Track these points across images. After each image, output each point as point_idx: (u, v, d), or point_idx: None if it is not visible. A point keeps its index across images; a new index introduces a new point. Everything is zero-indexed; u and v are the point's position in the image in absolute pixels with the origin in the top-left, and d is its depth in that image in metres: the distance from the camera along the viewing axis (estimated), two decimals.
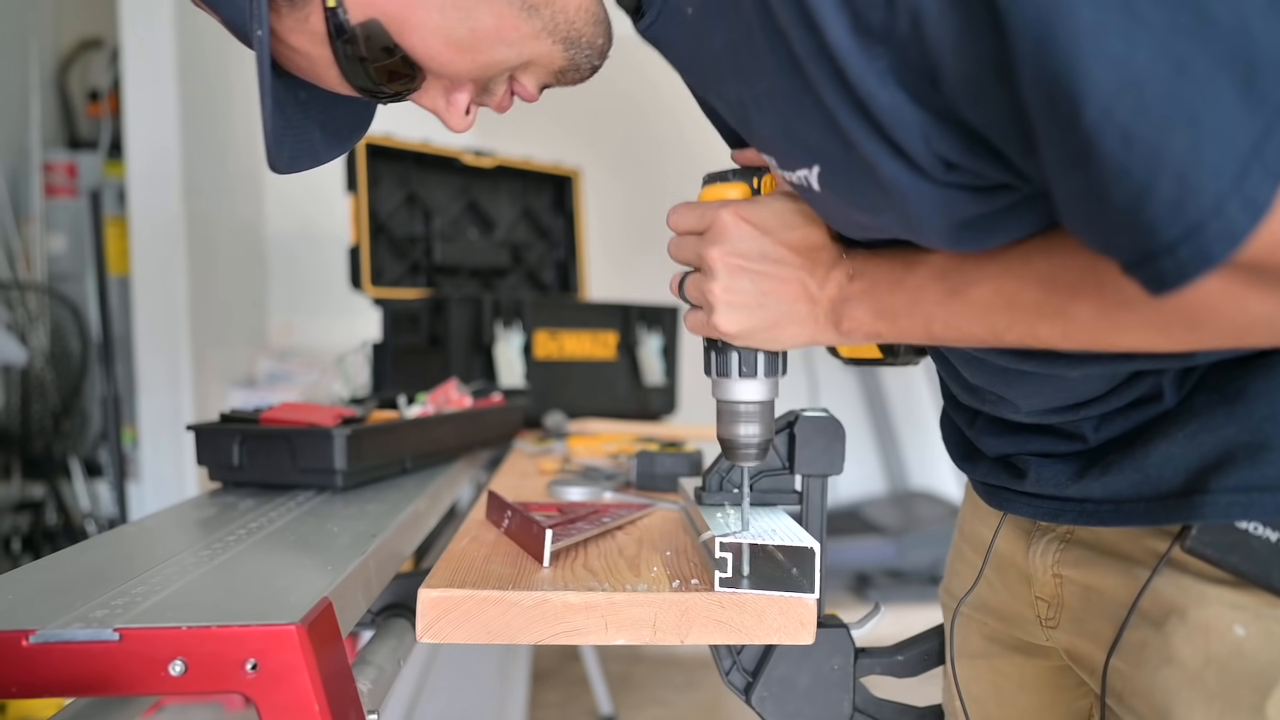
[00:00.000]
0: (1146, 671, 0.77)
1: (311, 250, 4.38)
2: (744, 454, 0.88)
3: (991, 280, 0.69)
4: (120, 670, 0.70)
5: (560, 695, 3.51)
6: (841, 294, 0.79)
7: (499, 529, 1.07)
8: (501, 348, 2.24)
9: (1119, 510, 0.77)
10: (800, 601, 0.83)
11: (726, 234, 0.80)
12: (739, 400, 0.87)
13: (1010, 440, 0.88)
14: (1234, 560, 0.71)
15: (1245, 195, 0.49)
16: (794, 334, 0.82)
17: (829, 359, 4.79)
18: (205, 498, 1.26)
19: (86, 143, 4.10)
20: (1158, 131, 0.49)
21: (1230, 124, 0.49)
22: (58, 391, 3.73)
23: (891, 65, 0.59)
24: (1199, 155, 0.49)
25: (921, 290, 0.74)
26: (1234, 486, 0.70)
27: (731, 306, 0.81)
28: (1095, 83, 0.49)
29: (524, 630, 0.82)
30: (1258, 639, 0.71)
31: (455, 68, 0.80)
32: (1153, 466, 0.75)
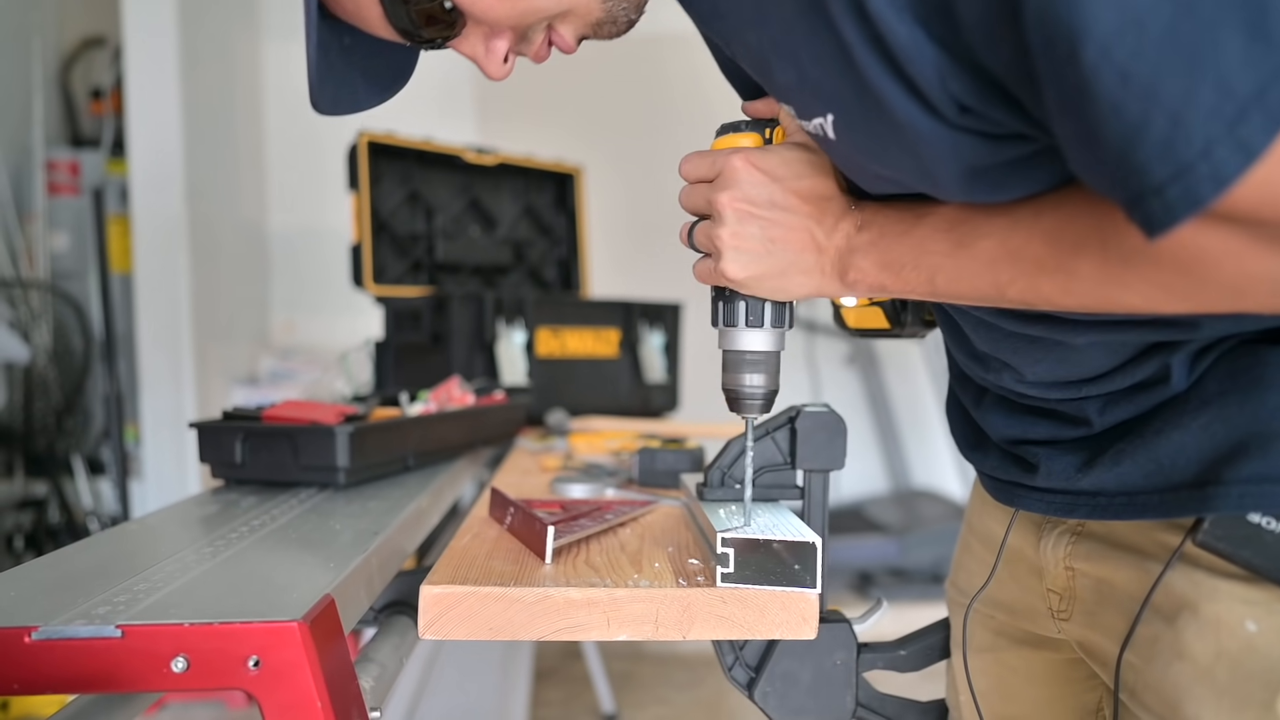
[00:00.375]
0: (1158, 666, 0.76)
1: (314, 248, 4.39)
2: (749, 405, 0.88)
3: (998, 233, 0.68)
4: (122, 667, 0.70)
5: (562, 693, 3.51)
6: (849, 244, 0.78)
7: (501, 526, 1.07)
8: (504, 345, 2.24)
9: (1132, 502, 0.76)
10: (802, 596, 0.83)
11: (737, 180, 0.80)
12: (745, 350, 0.87)
13: (1017, 422, 0.87)
14: (1246, 554, 0.70)
15: (1238, 138, 0.49)
16: (800, 283, 0.81)
17: (831, 358, 4.78)
18: (207, 495, 1.27)
19: (89, 141, 4.11)
20: (1155, 71, 0.49)
21: (1232, 67, 0.48)
22: (60, 389, 3.74)
23: (912, 4, 0.59)
24: (1194, 96, 0.49)
25: (927, 242, 0.73)
26: (1247, 478, 0.69)
27: (739, 252, 0.80)
28: (1095, 20, 0.49)
29: (526, 626, 0.82)
30: (1269, 635, 0.70)
31: (496, 14, 0.80)
32: (1165, 456, 0.73)
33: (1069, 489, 0.81)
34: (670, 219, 1.02)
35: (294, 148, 4.44)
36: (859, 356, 4.75)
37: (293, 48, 4.48)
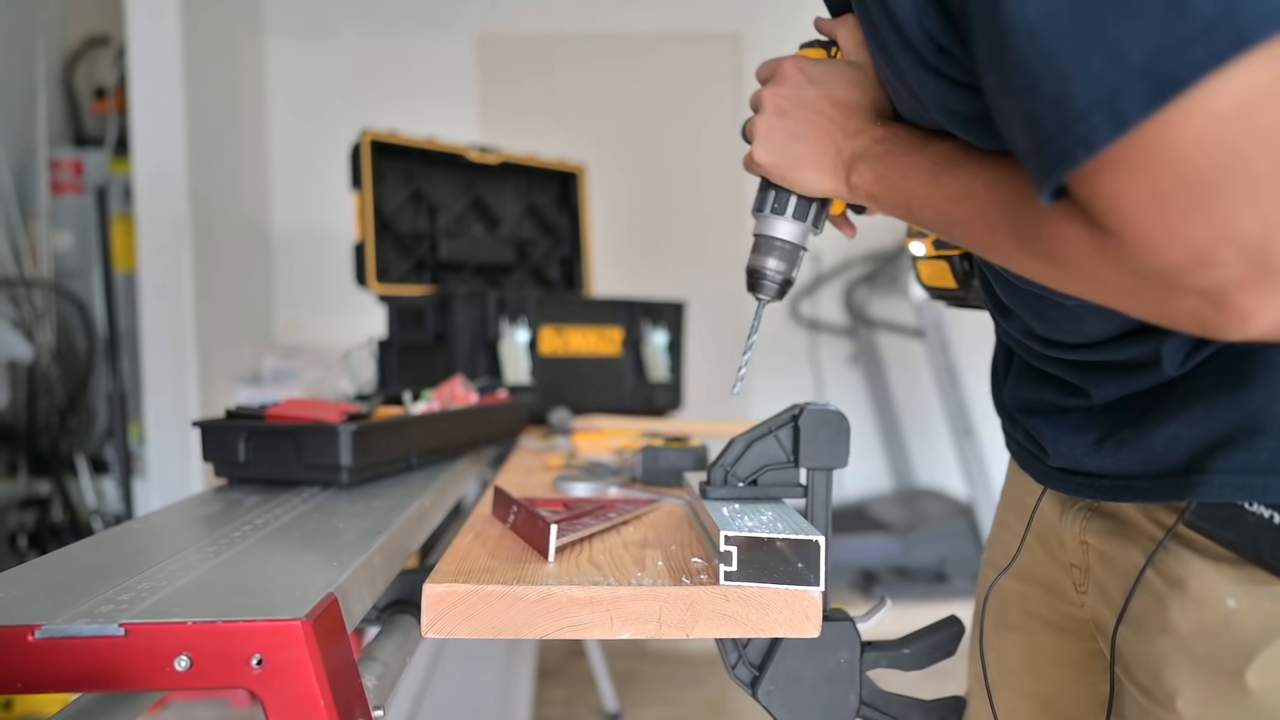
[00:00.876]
0: (1145, 639, 0.81)
1: (317, 247, 4.39)
2: (767, 286, 0.97)
3: (965, 176, 0.72)
4: (126, 666, 0.70)
5: (565, 692, 3.51)
6: (862, 151, 0.84)
7: (504, 524, 1.07)
8: (507, 344, 2.24)
9: (1131, 486, 0.80)
10: (805, 594, 0.83)
11: (783, 78, 0.90)
12: (771, 235, 0.96)
13: (1029, 386, 0.93)
14: (1228, 534, 0.74)
15: (1115, 109, 0.50)
16: (812, 177, 0.89)
17: (834, 357, 4.78)
18: (211, 494, 1.27)
19: (93, 140, 4.11)
20: (1056, 33, 0.51)
21: (1132, 36, 0.49)
22: (64, 388, 3.74)
23: None
24: (1085, 59, 0.51)
25: (915, 168, 0.78)
26: (1229, 468, 0.72)
27: (765, 139, 0.90)
28: None
29: (529, 625, 0.82)
30: (1246, 611, 0.74)
31: None
32: (1160, 445, 0.77)
33: (1077, 470, 0.86)
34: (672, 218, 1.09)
35: (297, 147, 4.45)
36: (862, 355, 4.75)
37: (296, 47, 4.49)
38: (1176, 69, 0.48)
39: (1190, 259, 0.53)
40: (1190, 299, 0.56)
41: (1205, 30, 0.47)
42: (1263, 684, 0.73)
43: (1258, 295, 0.53)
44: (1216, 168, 0.50)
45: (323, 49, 4.49)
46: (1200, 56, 0.48)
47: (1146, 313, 0.61)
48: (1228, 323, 0.56)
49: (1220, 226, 0.51)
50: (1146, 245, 0.54)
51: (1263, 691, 0.73)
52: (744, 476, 1.00)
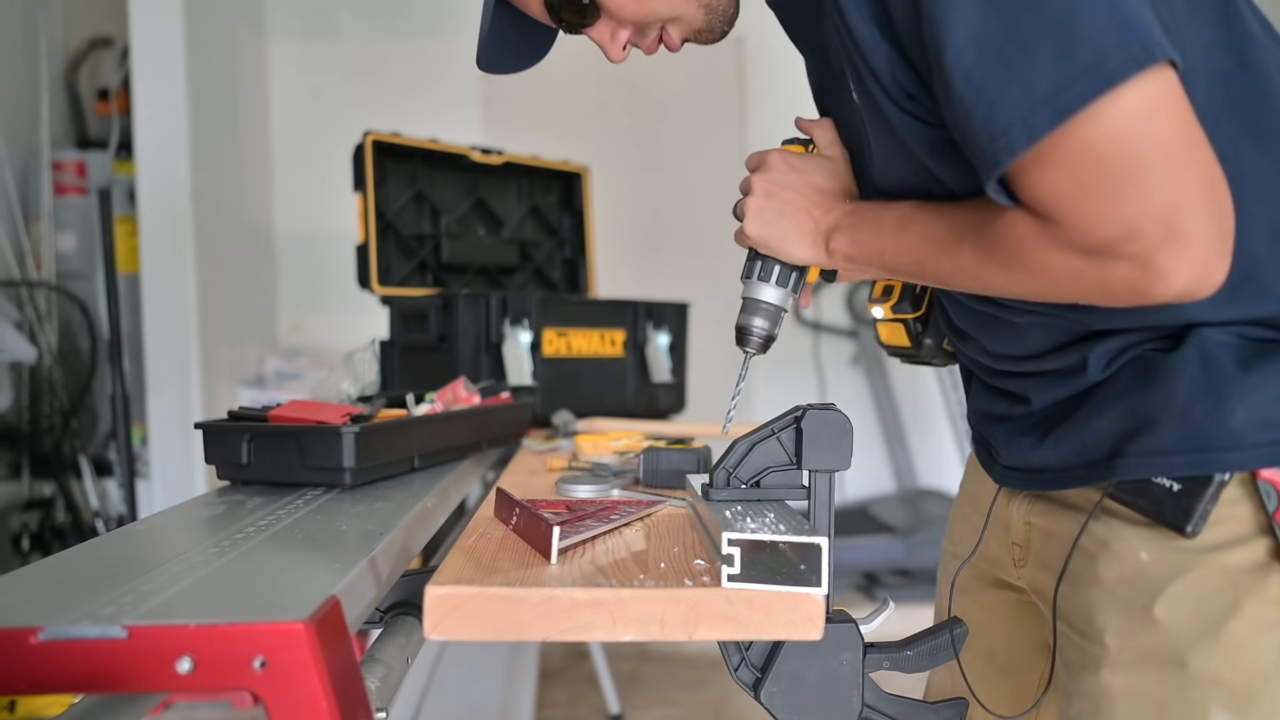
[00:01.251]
0: (1080, 591, 1.02)
1: (320, 248, 4.40)
2: (752, 341, 1.14)
3: (926, 223, 0.93)
4: (128, 668, 0.70)
5: (568, 694, 3.52)
6: (836, 224, 1.05)
7: (507, 526, 1.07)
8: (509, 346, 2.24)
9: (1069, 475, 1.02)
10: (808, 597, 0.83)
11: (770, 166, 1.09)
12: (758, 298, 1.13)
13: (985, 399, 1.14)
14: (1141, 502, 0.95)
15: (1028, 124, 0.72)
16: (795, 247, 1.08)
17: (837, 358, 4.77)
18: (213, 495, 1.27)
19: (96, 141, 4.12)
20: (985, 72, 0.74)
21: (1036, 76, 0.72)
22: (66, 389, 3.74)
23: (871, 9, 0.85)
24: (1006, 92, 0.73)
25: (883, 228, 0.99)
26: (1140, 452, 0.93)
27: (756, 217, 1.08)
28: (953, 37, 0.74)
29: (531, 627, 0.82)
30: (1154, 561, 0.96)
31: (627, 12, 1.08)
32: (1089, 438, 0.98)
33: (1025, 466, 1.07)
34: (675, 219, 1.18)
35: (300, 148, 4.45)
36: (864, 356, 4.75)
37: (298, 49, 4.49)
38: (1069, 98, 0.71)
39: (1120, 232, 0.74)
40: (1123, 266, 0.76)
41: (1086, 71, 0.71)
42: (1167, 614, 0.94)
43: (1174, 256, 0.74)
44: (1125, 162, 0.72)
45: (325, 50, 4.50)
46: (1084, 90, 0.71)
47: (1090, 291, 0.80)
48: (1154, 283, 0.76)
49: (1139, 204, 0.72)
50: (1083, 225, 0.75)
51: (1167, 620, 0.94)
52: (746, 478, 1.00)
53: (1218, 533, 0.92)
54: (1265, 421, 0.89)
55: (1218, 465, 0.90)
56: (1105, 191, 0.73)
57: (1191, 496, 0.91)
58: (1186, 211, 0.73)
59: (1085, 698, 1.02)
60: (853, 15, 0.85)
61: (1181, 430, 0.91)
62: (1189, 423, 0.90)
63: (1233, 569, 0.92)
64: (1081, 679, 1.02)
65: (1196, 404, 0.90)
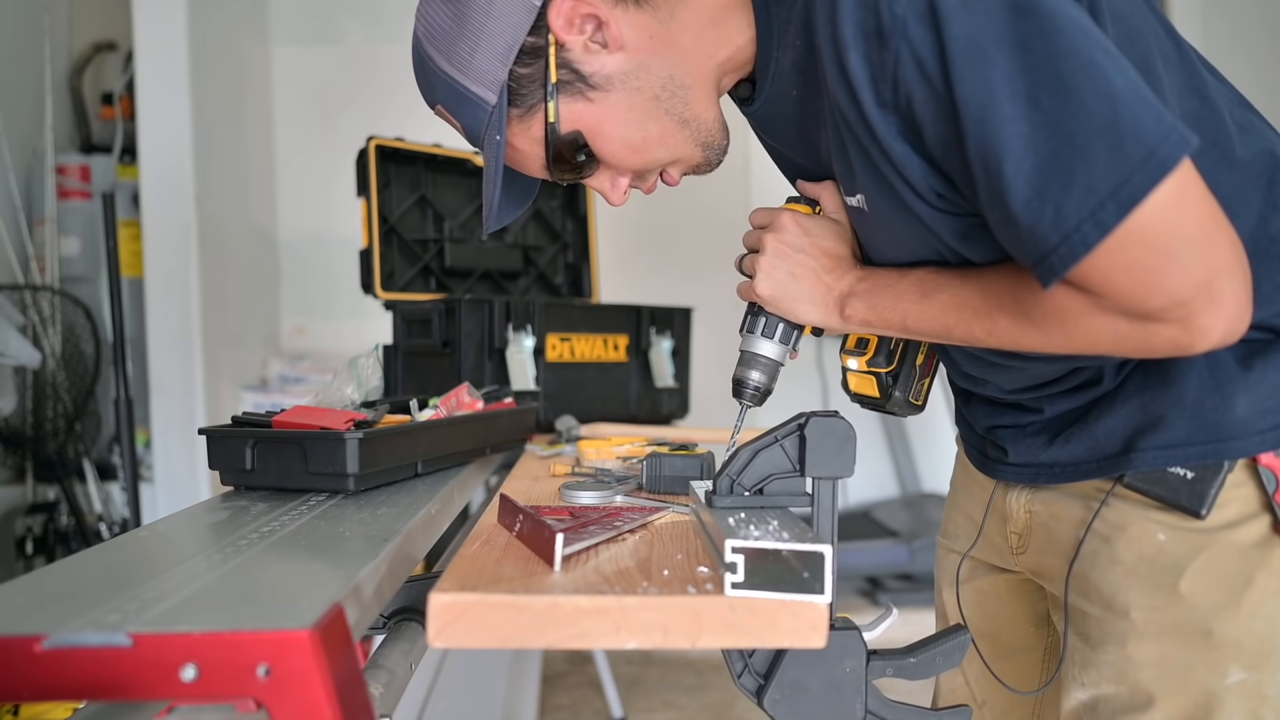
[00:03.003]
0: (1099, 571, 1.11)
1: (324, 253, 4.40)
2: (750, 395, 1.20)
3: (952, 290, 1.00)
4: (132, 675, 0.70)
5: (571, 698, 3.52)
6: (850, 290, 1.11)
7: (511, 533, 1.07)
8: (513, 351, 2.24)
9: (1079, 469, 1.11)
10: (812, 605, 0.83)
11: (783, 229, 1.13)
12: (757, 352, 1.19)
13: (992, 414, 1.21)
14: (1157, 490, 1.05)
15: (1097, 220, 0.78)
16: (807, 310, 1.14)
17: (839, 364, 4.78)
18: (217, 501, 1.27)
19: (100, 146, 4.12)
20: (1047, 178, 0.79)
21: (1096, 175, 0.78)
22: (70, 393, 3.74)
23: (900, 127, 0.90)
24: (1070, 192, 0.79)
25: (903, 295, 1.05)
26: (1153, 446, 1.03)
27: (768, 277, 1.13)
28: (1010, 148, 0.80)
29: (535, 634, 0.82)
30: (1173, 542, 1.05)
31: (627, 163, 1.13)
32: (1101, 435, 1.08)
33: (1034, 463, 1.15)
34: (679, 223, 1.19)
35: (303, 153, 4.45)
36: None
37: (302, 53, 4.49)
38: (1130, 191, 0.77)
39: (1168, 302, 0.81)
40: (1167, 329, 0.84)
41: (1141, 165, 0.77)
42: (1192, 589, 1.04)
43: (1213, 316, 0.82)
44: (1171, 241, 0.79)
45: (329, 54, 4.50)
46: (1142, 182, 0.77)
47: (1132, 349, 0.88)
48: (1195, 341, 0.84)
49: (1184, 276, 0.80)
50: (1134, 300, 0.82)
51: (1192, 594, 1.04)
52: (750, 485, 1.00)
53: (1225, 513, 1.03)
54: (1265, 410, 1.00)
55: (1227, 453, 1.01)
56: (1155, 268, 0.80)
57: (1205, 483, 1.02)
58: (1221, 274, 0.81)
59: (1107, 667, 1.10)
60: (885, 137, 0.91)
61: (1193, 424, 1.01)
62: (1200, 417, 1.01)
63: (1243, 545, 1.03)
64: (1104, 650, 1.11)
65: (1206, 399, 1.01)
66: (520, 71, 1.06)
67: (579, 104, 1.08)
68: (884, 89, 0.88)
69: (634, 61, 1.06)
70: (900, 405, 1.24)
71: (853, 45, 0.88)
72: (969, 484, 1.35)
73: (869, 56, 0.88)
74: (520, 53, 1.05)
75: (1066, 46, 0.79)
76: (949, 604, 1.40)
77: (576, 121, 1.09)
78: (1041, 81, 0.79)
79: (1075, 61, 0.79)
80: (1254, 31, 4.72)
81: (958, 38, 0.81)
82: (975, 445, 1.27)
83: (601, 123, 1.09)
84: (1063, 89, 0.78)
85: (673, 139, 1.11)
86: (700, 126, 1.12)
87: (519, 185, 1.23)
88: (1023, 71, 0.79)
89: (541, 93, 1.07)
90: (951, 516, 1.42)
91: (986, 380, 1.16)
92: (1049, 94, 0.79)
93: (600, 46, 1.06)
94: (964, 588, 1.36)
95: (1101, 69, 0.79)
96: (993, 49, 0.80)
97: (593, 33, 1.05)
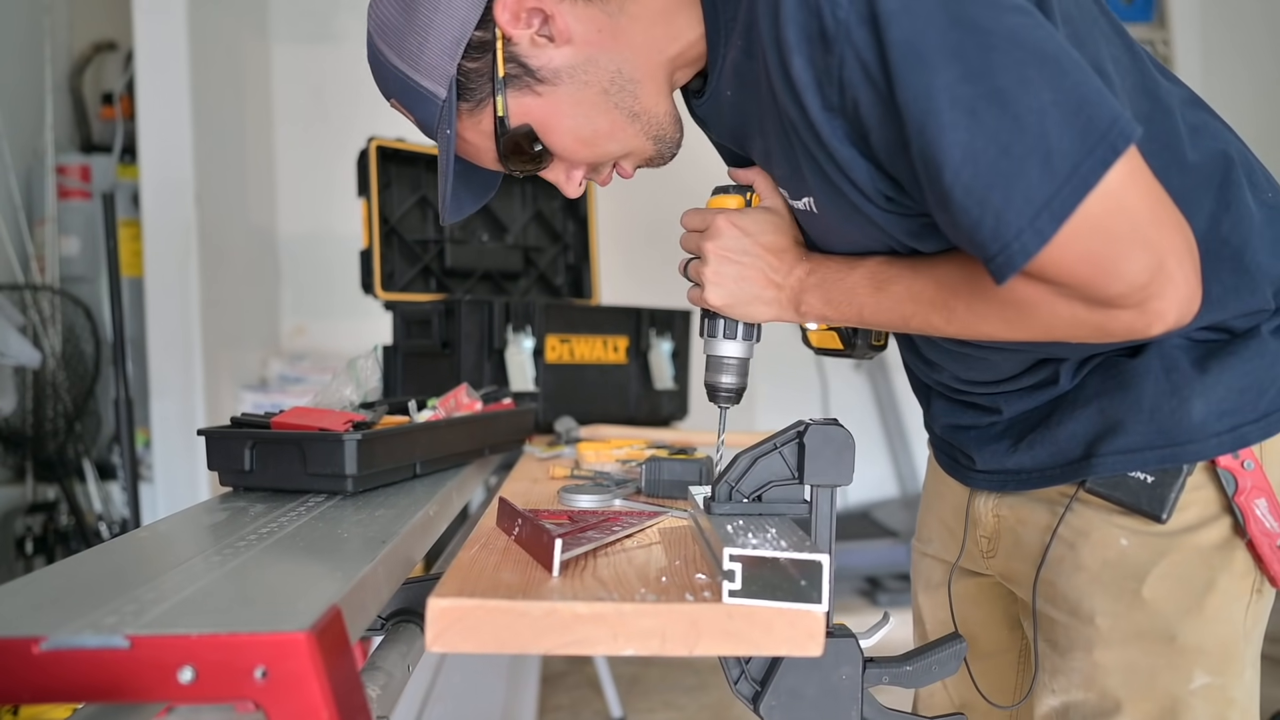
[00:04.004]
0: (1064, 578, 1.12)
1: (324, 253, 4.39)
2: (724, 398, 1.20)
3: (905, 281, 1.00)
4: (130, 677, 0.70)
5: (570, 698, 3.52)
6: (801, 285, 1.10)
7: (509, 536, 1.07)
8: (513, 352, 2.24)
9: (1044, 475, 1.12)
10: (809, 613, 0.83)
11: (720, 233, 1.11)
12: (723, 355, 1.18)
13: (952, 411, 1.23)
14: (1118, 495, 1.05)
15: (1036, 228, 0.80)
16: (762, 310, 1.13)
17: (842, 368, 4.76)
18: (216, 502, 1.27)
19: (100, 145, 4.11)
20: (985, 188, 0.80)
21: (1031, 186, 0.79)
22: (70, 393, 3.74)
23: (846, 131, 0.91)
24: (1009, 202, 0.80)
25: (857, 287, 1.04)
26: (1112, 451, 1.04)
27: (717, 285, 1.12)
28: (949, 157, 0.80)
29: (533, 640, 0.82)
30: (1135, 547, 1.07)
31: (577, 155, 1.13)
32: (1063, 440, 1.09)
33: (1001, 469, 1.16)
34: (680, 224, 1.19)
35: (304, 153, 4.45)
36: (866, 361, 4.74)
37: (302, 52, 4.49)
38: (1061, 203, 0.79)
39: (1127, 288, 0.82)
40: (1126, 314, 0.85)
41: (1067, 180, 0.78)
42: (1154, 594, 1.06)
43: (1167, 299, 0.83)
44: (1119, 233, 0.81)
45: (329, 54, 4.49)
46: (1070, 196, 0.79)
47: (1088, 335, 0.89)
48: (1151, 324, 0.85)
49: (1135, 264, 0.81)
50: (1090, 289, 0.83)
51: (1155, 599, 1.06)
52: (748, 492, 1.00)
53: (1186, 516, 1.05)
54: (1221, 413, 1.02)
55: (1186, 457, 1.02)
56: (1111, 256, 0.81)
57: (1165, 487, 1.03)
58: (1172, 257, 0.83)
59: (1075, 673, 1.12)
60: (832, 141, 0.91)
61: (1151, 428, 1.03)
62: (1157, 421, 1.02)
63: (1204, 548, 1.06)
64: (1071, 657, 1.12)
65: (1163, 404, 1.02)
66: (469, 66, 1.06)
67: (528, 98, 1.08)
68: (830, 92, 0.88)
69: (582, 55, 1.06)
70: (864, 350, 1.24)
71: (796, 49, 0.88)
72: (940, 488, 1.36)
73: (813, 60, 0.88)
74: (468, 47, 1.05)
75: (1004, 57, 0.80)
76: (925, 608, 1.42)
77: (526, 115, 1.09)
78: (980, 90, 0.79)
79: (1014, 71, 0.79)
80: (1255, 33, 4.72)
81: (899, 43, 0.81)
82: (944, 450, 1.28)
83: (550, 116, 1.09)
84: (1000, 97, 0.79)
85: (623, 132, 1.11)
86: (651, 120, 1.12)
87: (479, 178, 1.23)
88: (962, 79, 0.80)
89: (490, 87, 1.07)
90: (925, 520, 1.43)
91: (942, 367, 1.18)
92: (988, 102, 0.79)
93: (547, 40, 1.06)
94: (939, 592, 1.37)
95: (1043, 73, 0.79)
96: (933, 56, 0.80)
97: (540, 26, 1.05)
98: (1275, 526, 1.04)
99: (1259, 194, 1.05)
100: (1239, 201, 1.02)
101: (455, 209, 1.21)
